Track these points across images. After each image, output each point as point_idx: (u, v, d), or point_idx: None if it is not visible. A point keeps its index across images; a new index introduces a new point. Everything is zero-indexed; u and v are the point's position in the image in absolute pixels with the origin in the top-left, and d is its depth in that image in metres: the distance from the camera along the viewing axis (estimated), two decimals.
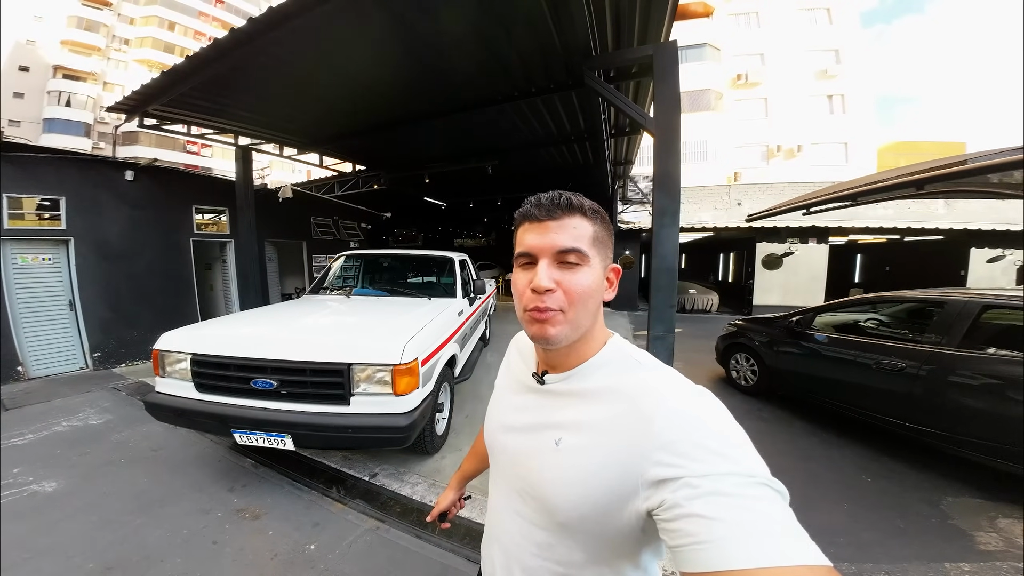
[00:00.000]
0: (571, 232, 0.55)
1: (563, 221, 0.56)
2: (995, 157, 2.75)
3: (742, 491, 0.40)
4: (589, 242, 0.56)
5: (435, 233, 17.68)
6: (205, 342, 2.47)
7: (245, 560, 1.92)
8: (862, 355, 3.15)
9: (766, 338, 4.09)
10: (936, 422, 2.65)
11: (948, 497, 2.47)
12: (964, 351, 2.59)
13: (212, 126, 5.32)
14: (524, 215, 0.59)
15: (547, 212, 0.56)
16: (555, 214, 0.56)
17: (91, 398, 4.16)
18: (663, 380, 0.54)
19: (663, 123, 3.11)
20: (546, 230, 0.56)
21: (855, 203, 4.48)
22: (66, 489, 2.48)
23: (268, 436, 2.25)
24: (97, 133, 29.76)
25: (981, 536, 2.11)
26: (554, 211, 0.56)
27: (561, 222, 0.55)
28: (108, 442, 3.13)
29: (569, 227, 0.55)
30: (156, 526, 2.14)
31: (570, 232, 0.55)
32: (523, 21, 3.06)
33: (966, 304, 2.72)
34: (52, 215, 4.94)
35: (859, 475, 2.74)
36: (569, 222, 0.56)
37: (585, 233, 0.56)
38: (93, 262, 5.23)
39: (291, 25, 2.90)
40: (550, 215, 0.56)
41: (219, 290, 7.53)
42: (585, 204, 0.58)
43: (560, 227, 0.55)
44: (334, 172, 8.21)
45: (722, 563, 0.37)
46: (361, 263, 4.49)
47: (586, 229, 0.56)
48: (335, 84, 4.12)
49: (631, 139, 6.92)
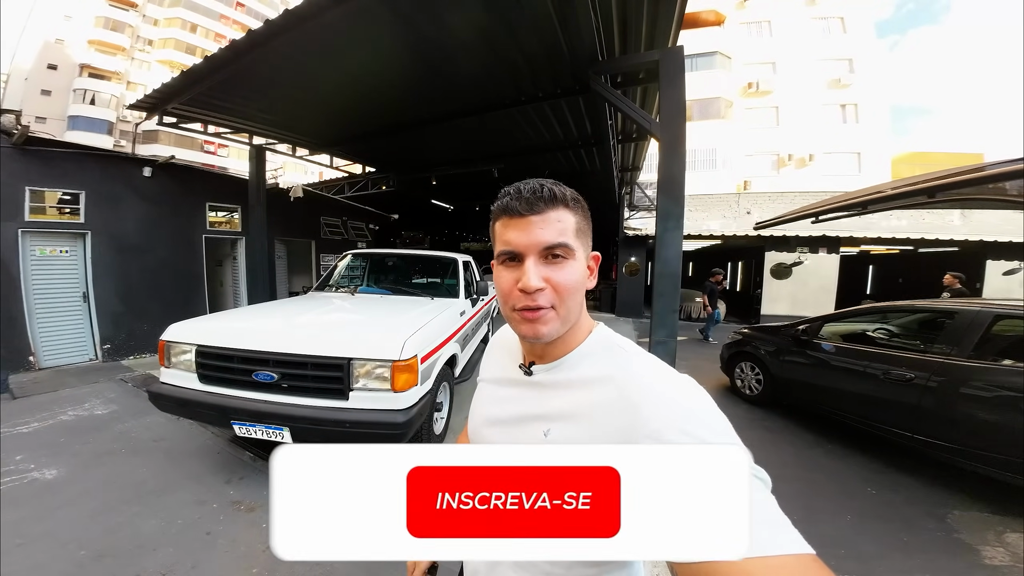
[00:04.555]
0: (556, 227, 0.53)
1: (547, 215, 0.53)
2: (1011, 165, 2.70)
3: None
4: (573, 234, 0.54)
5: (442, 236, 17.80)
6: (210, 334, 2.50)
7: (237, 552, 1.93)
8: (870, 365, 3.08)
9: (772, 347, 4.02)
10: (945, 434, 2.58)
11: (955, 511, 2.39)
12: (976, 362, 2.53)
13: (228, 125, 5.45)
14: (504, 209, 0.55)
15: (529, 206, 0.53)
16: (538, 208, 0.53)
17: (98, 389, 4.24)
18: (649, 368, 0.54)
19: (668, 128, 3.11)
20: (529, 226, 0.53)
21: (865, 211, 4.42)
22: (66, 477, 2.52)
23: (266, 429, 2.27)
24: (119, 131, 30.61)
25: (988, 551, 2.05)
26: (537, 204, 0.53)
27: (544, 216, 0.53)
28: (111, 432, 3.19)
29: (553, 221, 0.53)
30: (151, 515, 2.16)
31: (555, 227, 0.53)
32: (530, 25, 3.10)
33: (978, 314, 2.66)
34: (72, 209, 5.08)
35: (864, 487, 2.67)
36: (553, 215, 0.53)
37: (569, 226, 0.54)
38: (108, 256, 5.36)
39: (305, 28, 2.97)
40: (532, 209, 0.53)
41: (228, 286, 7.65)
42: (567, 194, 0.56)
43: (544, 221, 0.53)
44: (344, 173, 8.34)
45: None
46: (367, 262, 4.54)
47: (569, 221, 0.54)
48: (346, 86, 4.21)
49: (638, 145, 6.92)
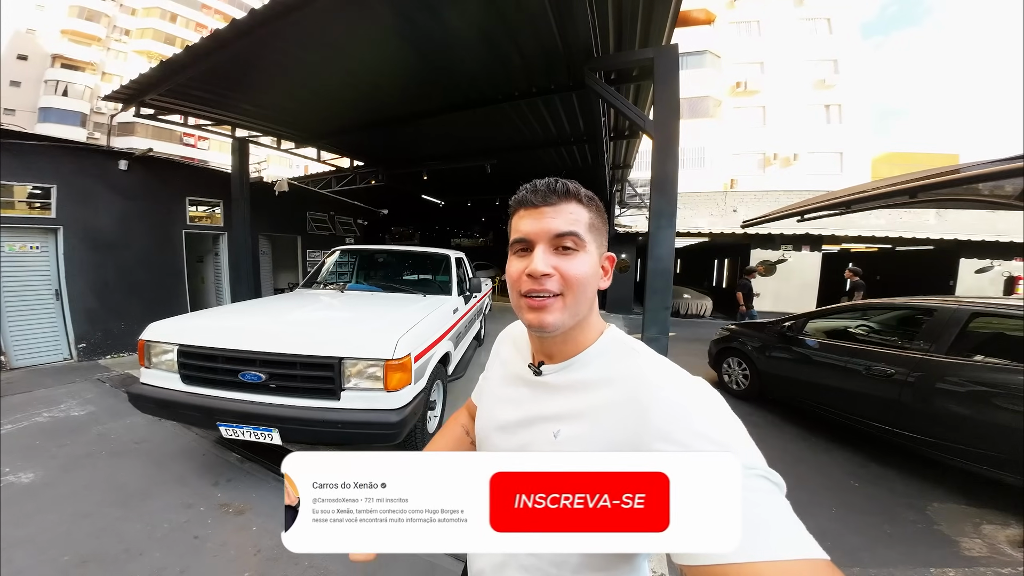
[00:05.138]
0: (567, 217, 0.55)
1: (559, 207, 0.55)
2: (987, 167, 2.79)
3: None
4: (585, 228, 0.56)
5: (432, 232, 17.63)
6: (192, 333, 2.43)
7: (227, 555, 1.88)
8: (852, 361, 3.16)
9: (758, 343, 4.11)
10: (924, 428, 2.67)
11: (934, 503, 2.48)
12: (952, 358, 2.61)
13: (209, 117, 5.27)
14: (520, 201, 0.58)
15: (543, 198, 0.56)
16: (551, 200, 0.56)
17: (74, 389, 4.09)
18: (660, 370, 0.53)
19: (662, 126, 3.12)
20: (542, 215, 0.55)
21: (848, 210, 4.53)
22: (43, 480, 2.43)
23: (255, 430, 2.21)
24: (93, 123, 29.42)
25: (966, 542, 2.13)
26: (550, 197, 0.56)
27: (557, 207, 0.55)
28: (89, 434, 3.07)
29: (565, 212, 0.55)
30: (136, 520, 2.09)
31: (566, 217, 0.55)
32: (525, 20, 3.06)
33: (955, 311, 2.75)
34: (43, 203, 4.86)
35: (848, 480, 2.75)
36: (565, 207, 0.56)
37: (581, 219, 0.56)
38: (82, 252, 5.15)
39: (291, 18, 2.88)
40: (546, 201, 0.56)
41: (210, 283, 7.45)
42: (581, 191, 0.58)
43: (556, 212, 0.55)
44: (331, 167, 8.17)
45: (720, 557, 0.36)
46: (356, 258, 4.46)
47: (582, 215, 0.56)
48: (334, 78, 4.10)
49: (630, 143, 6.95)
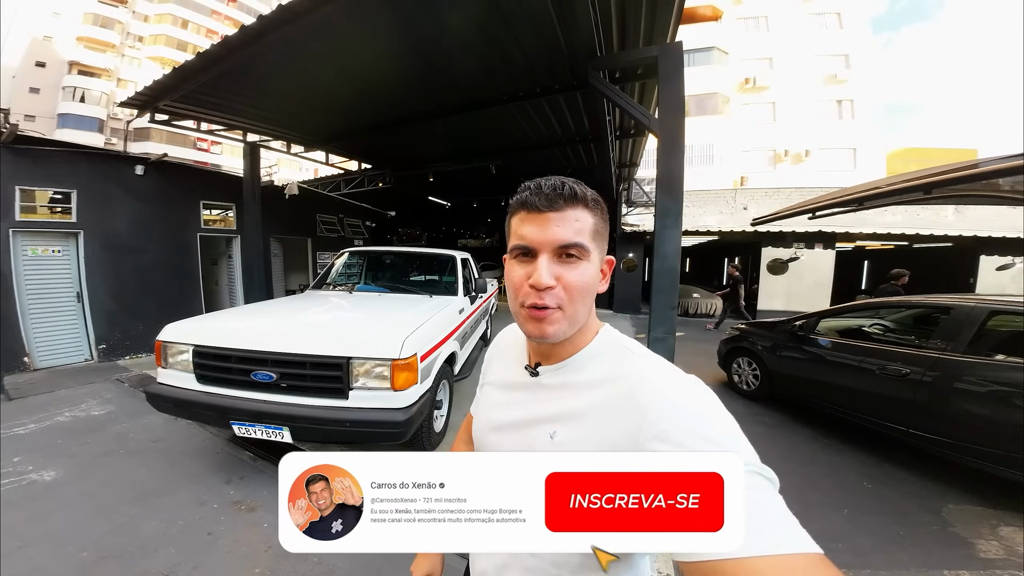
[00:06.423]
0: (573, 226, 0.53)
1: (565, 213, 0.53)
2: (1006, 161, 2.72)
3: None
4: (590, 235, 0.54)
5: (439, 233, 17.73)
6: (207, 334, 2.49)
7: (239, 552, 1.93)
8: (866, 360, 3.10)
9: (769, 342, 4.05)
10: (940, 429, 2.61)
11: (950, 504, 2.43)
12: (970, 357, 2.55)
13: (221, 122, 5.39)
14: (522, 203, 0.55)
15: (548, 202, 0.52)
16: (557, 205, 0.52)
17: (94, 389, 4.21)
18: (656, 369, 0.53)
19: (667, 124, 3.10)
20: (547, 222, 0.52)
21: (861, 207, 4.43)
22: (64, 478, 2.51)
23: (266, 428, 2.26)
24: (110, 129, 30.18)
25: (982, 544, 2.08)
26: (556, 201, 0.52)
27: (563, 214, 0.52)
28: (108, 433, 3.16)
29: (571, 219, 0.53)
30: (151, 516, 2.15)
31: (572, 226, 0.53)
32: (529, 20, 3.07)
33: (973, 309, 2.68)
34: (63, 208, 5.01)
35: (860, 481, 2.70)
36: (571, 214, 0.53)
37: (586, 226, 0.54)
38: (101, 255, 5.30)
39: (300, 23, 2.93)
40: (552, 206, 0.52)
41: (224, 285, 7.60)
42: (588, 194, 0.55)
43: (562, 219, 0.52)
44: (340, 170, 8.28)
45: (719, 553, 0.37)
46: (364, 260, 4.51)
47: (587, 221, 0.54)
48: (342, 82, 4.16)
49: (636, 141, 6.91)
